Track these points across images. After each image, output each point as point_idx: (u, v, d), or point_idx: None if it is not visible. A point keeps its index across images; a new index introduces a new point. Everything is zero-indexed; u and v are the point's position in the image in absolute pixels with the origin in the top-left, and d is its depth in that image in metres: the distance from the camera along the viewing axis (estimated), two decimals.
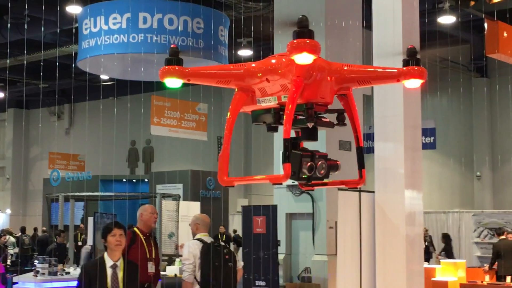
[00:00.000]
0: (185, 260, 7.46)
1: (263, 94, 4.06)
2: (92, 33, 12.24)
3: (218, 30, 12.67)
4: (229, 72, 4.12)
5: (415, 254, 6.89)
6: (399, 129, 6.94)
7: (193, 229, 7.77)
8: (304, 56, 3.71)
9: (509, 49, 14.70)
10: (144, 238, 7.45)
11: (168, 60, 4.02)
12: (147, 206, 7.90)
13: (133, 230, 7.45)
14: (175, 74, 3.97)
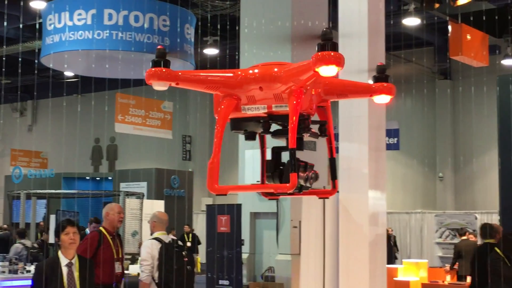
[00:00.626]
0: (143, 260, 7.44)
1: (251, 102, 4.00)
2: (56, 29, 12.11)
3: (184, 28, 12.62)
4: (220, 78, 4.01)
5: (378, 254, 6.94)
6: (363, 130, 6.98)
7: (151, 227, 7.76)
8: (331, 69, 3.69)
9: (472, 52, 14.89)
10: (111, 238, 7.40)
11: (155, 62, 3.88)
12: (113, 205, 7.84)
13: (99, 230, 7.41)
14: (163, 77, 3.84)
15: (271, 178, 4.09)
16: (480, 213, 19.83)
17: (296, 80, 3.90)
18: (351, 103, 7.07)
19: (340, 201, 6.98)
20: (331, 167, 4.30)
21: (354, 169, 6.97)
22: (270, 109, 4.00)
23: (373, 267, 6.82)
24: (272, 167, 4.10)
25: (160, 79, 3.84)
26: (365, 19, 6.99)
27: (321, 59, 3.69)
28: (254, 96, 3.98)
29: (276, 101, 3.98)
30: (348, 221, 6.91)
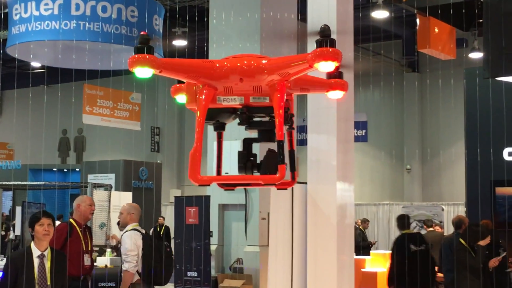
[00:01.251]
0: (129, 251, 7.41)
1: (228, 93, 3.98)
2: (22, 18, 11.94)
3: (153, 19, 12.53)
4: (202, 68, 3.97)
5: (346, 245, 6.97)
6: (332, 122, 7.00)
7: (126, 219, 7.71)
8: (329, 65, 3.77)
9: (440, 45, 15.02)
10: (81, 230, 7.36)
11: (138, 49, 3.78)
12: (85, 197, 7.81)
13: (69, 222, 7.35)
14: (147, 64, 3.75)
15: (243, 169, 4.09)
16: (447, 205, 20.04)
17: (284, 73, 3.92)
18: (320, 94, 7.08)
19: (309, 193, 7.00)
20: (290, 159, 4.28)
21: (322, 160, 7.00)
22: (247, 101, 4.01)
23: (341, 258, 6.86)
24: (245, 158, 4.10)
25: (144, 66, 3.76)
26: (334, 11, 7.00)
27: (320, 55, 3.75)
28: (232, 87, 3.97)
29: (254, 93, 3.99)
30: (316, 213, 6.93)
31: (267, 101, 4.03)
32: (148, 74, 3.82)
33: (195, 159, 3.91)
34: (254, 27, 11.22)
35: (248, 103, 4.02)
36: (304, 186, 7.08)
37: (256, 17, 11.18)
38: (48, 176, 23.16)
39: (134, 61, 3.75)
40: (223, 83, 3.96)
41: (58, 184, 15.57)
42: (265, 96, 4.02)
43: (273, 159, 4.01)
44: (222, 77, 3.94)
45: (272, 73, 3.94)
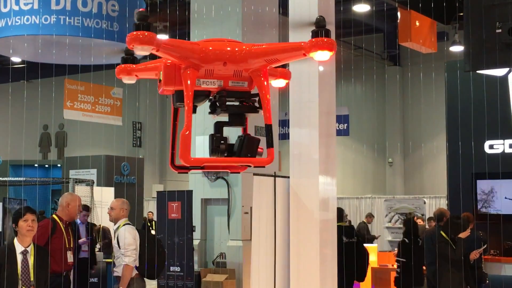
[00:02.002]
0: (129, 245, 7.41)
1: (208, 76, 4.04)
2: (1, 13, 11.84)
3: (134, 13, 12.46)
4: (195, 50, 3.99)
5: (328, 238, 6.99)
6: (314, 115, 7.00)
7: (119, 214, 7.69)
8: (325, 54, 4.00)
9: (420, 38, 15.06)
10: (64, 227, 7.33)
11: (136, 26, 3.77)
12: (75, 196, 7.77)
13: (53, 218, 7.32)
14: (145, 41, 3.74)
15: (216, 152, 4.11)
16: (429, 198, 20.15)
17: (272, 59, 4.07)
18: (302, 88, 7.09)
19: (291, 187, 7.01)
20: (266, 134, 4.22)
21: (304, 154, 7.00)
22: (226, 85, 4.08)
23: (324, 252, 6.88)
24: (218, 141, 4.13)
25: (142, 43, 3.75)
26: (315, 4, 7.00)
27: (317, 44, 3.95)
28: (213, 71, 4.03)
29: (234, 78, 4.07)
30: (298, 207, 6.94)
31: (245, 85, 4.13)
32: (147, 51, 3.83)
33: (186, 140, 3.94)
34: (236, 21, 11.20)
35: (226, 87, 4.09)
36: (286, 180, 7.09)
37: (237, 10, 11.15)
38: (29, 172, 23.01)
39: (133, 38, 3.73)
40: (207, 66, 4.00)
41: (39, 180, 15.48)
42: (243, 81, 4.11)
43: (254, 142, 4.12)
44: (211, 60, 3.99)
45: (259, 58, 4.04)
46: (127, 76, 4.33)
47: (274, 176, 7.10)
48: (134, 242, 7.45)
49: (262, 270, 6.96)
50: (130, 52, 4.10)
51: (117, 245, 7.52)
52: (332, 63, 7.20)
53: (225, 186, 11.33)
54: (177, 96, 4.14)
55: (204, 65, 4.00)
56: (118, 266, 7.55)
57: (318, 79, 6.97)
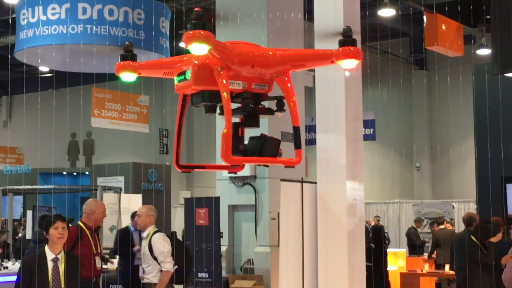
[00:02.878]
0: (168, 252, 7.48)
1: (235, 77, 4.14)
2: (30, 23, 11.98)
3: (159, 21, 12.54)
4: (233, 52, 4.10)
5: (357, 244, 6.96)
6: (340, 120, 6.99)
7: (145, 221, 7.74)
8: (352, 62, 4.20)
9: (447, 42, 14.96)
10: (90, 233, 7.39)
11: (193, 24, 3.86)
12: (99, 203, 7.82)
13: (79, 225, 7.38)
14: (203, 40, 3.79)
15: (236, 152, 4.20)
16: (457, 202, 19.98)
17: (299, 64, 4.24)
18: (328, 94, 7.08)
19: (318, 192, 6.99)
20: (294, 135, 4.43)
21: (331, 160, 6.99)
22: (249, 87, 4.20)
23: (352, 257, 6.85)
24: (238, 142, 4.26)
25: (201, 42, 3.78)
26: (341, 10, 6.99)
27: (344, 53, 4.13)
28: (241, 72, 4.14)
29: (257, 80, 4.21)
30: (326, 212, 6.92)
31: (266, 88, 4.27)
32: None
33: (227, 139, 4.02)
34: (261, 27, 11.22)
35: (249, 89, 4.21)
36: (313, 185, 7.08)
37: (262, 17, 11.18)
38: (58, 180, 23.20)
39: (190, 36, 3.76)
40: (238, 68, 4.11)
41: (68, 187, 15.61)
42: (265, 84, 4.25)
43: (275, 143, 4.28)
44: (246, 63, 4.12)
45: (287, 64, 4.21)
46: (132, 73, 4.43)
47: (301, 182, 7.09)
48: (170, 249, 7.54)
49: (290, 276, 6.95)
50: (130, 49, 4.30)
51: (149, 253, 7.56)
52: (358, 68, 7.17)
53: (252, 192, 11.35)
54: (208, 95, 4.19)
55: (236, 67, 4.09)
56: (148, 273, 7.59)
57: (344, 84, 6.96)
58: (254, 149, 4.24)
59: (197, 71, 4.12)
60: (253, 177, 11.37)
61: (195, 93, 4.24)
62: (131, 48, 4.25)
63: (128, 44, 4.29)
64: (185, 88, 4.21)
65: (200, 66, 4.11)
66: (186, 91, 4.25)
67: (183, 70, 4.18)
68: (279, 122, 10.10)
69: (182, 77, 4.18)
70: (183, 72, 4.17)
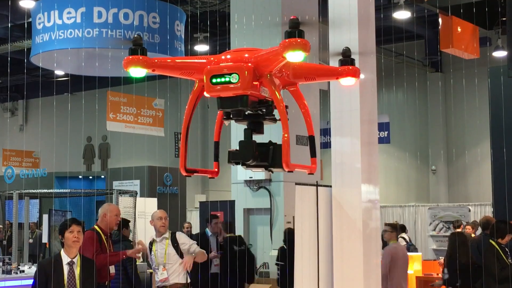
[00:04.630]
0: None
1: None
2: (45, 27, 12.05)
3: (174, 25, 12.58)
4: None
5: (372, 248, 6.93)
6: (355, 124, 6.96)
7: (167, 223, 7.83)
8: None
9: (463, 44, 14.90)
10: (105, 238, 7.40)
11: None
12: (112, 207, 7.83)
13: (95, 229, 7.37)
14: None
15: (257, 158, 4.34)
16: (474, 205, 19.86)
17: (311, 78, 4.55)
18: (343, 97, 7.05)
19: (333, 196, 6.97)
20: (310, 145, 4.70)
21: (346, 163, 6.96)
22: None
23: (367, 261, 6.82)
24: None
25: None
26: (355, 13, 6.97)
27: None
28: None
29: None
30: (341, 216, 6.89)
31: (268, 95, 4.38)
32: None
33: (288, 146, 4.20)
34: (276, 30, 11.22)
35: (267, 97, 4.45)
36: (328, 189, 7.05)
37: (277, 20, 11.18)
38: (74, 184, 23.30)
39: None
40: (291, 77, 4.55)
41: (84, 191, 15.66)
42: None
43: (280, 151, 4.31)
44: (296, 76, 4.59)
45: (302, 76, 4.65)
46: (141, 68, 4.25)
47: (316, 185, 7.07)
48: None
49: (306, 280, 6.93)
50: (139, 42, 4.16)
51: (174, 251, 7.60)
52: (373, 71, 7.15)
53: (267, 196, 11.34)
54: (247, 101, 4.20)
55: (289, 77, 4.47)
56: (174, 273, 7.66)
57: (359, 87, 6.94)
58: (266, 156, 4.30)
59: (248, 75, 4.08)
60: (268, 180, 11.36)
61: (225, 97, 4.19)
62: (140, 41, 4.12)
63: (137, 37, 4.16)
64: (226, 91, 4.13)
65: (251, 70, 4.08)
66: (223, 93, 4.17)
67: (222, 72, 4.11)
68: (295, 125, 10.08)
69: (222, 79, 4.10)
70: (223, 75, 4.10)
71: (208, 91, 4.17)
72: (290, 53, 4.06)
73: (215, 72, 4.13)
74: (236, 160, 4.34)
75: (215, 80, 4.11)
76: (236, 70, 4.08)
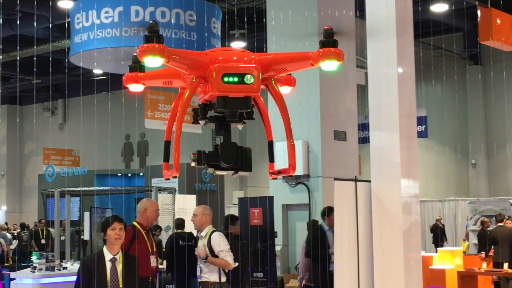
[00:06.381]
0: (228, 249, 7.65)
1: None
2: (84, 27, 12.18)
3: (211, 22, 12.61)
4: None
5: (412, 242, 6.89)
6: (394, 118, 6.92)
7: (201, 220, 7.81)
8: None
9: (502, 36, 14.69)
10: (145, 232, 7.46)
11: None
12: (152, 202, 7.90)
13: (133, 225, 7.44)
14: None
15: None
16: None
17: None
18: (381, 91, 7.02)
19: (373, 191, 6.94)
20: (269, 150, 4.56)
21: (385, 158, 6.93)
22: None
23: (408, 256, 6.78)
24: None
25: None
26: (393, 6, 6.93)
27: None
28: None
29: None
30: (381, 211, 6.87)
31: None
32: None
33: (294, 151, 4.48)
34: (312, 25, 11.19)
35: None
36: (367, 184, 7.03)
37: (314, 15, 11.15)
38: (114, 181, 23.52)
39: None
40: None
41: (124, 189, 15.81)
42: None
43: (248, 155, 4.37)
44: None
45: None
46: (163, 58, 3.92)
47: (355, 180, 7.05)
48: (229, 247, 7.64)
49: (346, 275, 6.92)
50: (155, 29, 3.85)
51: (208, 251, 7.63)
52: (411, 64, 7.10)
53: (306, 191, 11.33)
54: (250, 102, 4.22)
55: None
56: (206, 272, 7.67)
57: (397, 81, 6.89)
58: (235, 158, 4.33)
59: (260, 78, 4.06)
60: (306, 176, 11.35)
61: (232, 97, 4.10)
62: (157, 27, 3.80)
63: (153, 23, 3.83)
64: (238, 91, 4.05)
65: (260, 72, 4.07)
66: (233, 93, 4.08)
67: (237, 71, 4.01)
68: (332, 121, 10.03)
69: (235, 79, 4.01)
70: (237, 74, 4.01)
71: (217, 89, 4.02)
72: (325, 62, 4.06)
73: (228, 71, 3.99)
74: (212, 162, 4.30)
75: (227, 79, 3.99)
76: (251, 71, 4.00)
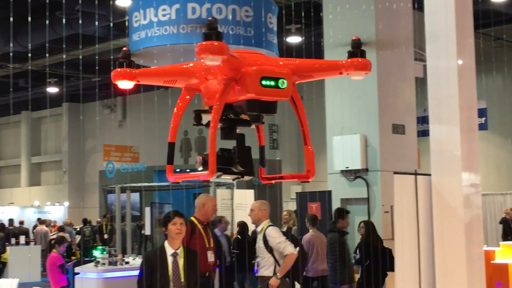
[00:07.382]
0: (285, 240, 7.68)
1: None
2: (142, 25, 12.34)
3: (267, 17, 12.64)
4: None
5: (474, 237, 6.80)
6: (454, 111, 6.83)
7: (258, 215, 7.84)
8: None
9: None
10: (202, 227, 7.52)
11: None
12: (210, 197, 7.98)
13: (191, 220, 7.51)
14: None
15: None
16: None
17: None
18: (440, 84, 6.94)
19: (433, 184, 6.87)
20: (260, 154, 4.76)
21: (446, 151, 6.85)
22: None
23: (470, 251, 6.70)
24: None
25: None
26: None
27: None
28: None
29: None
30: (441, 204, 6.80)
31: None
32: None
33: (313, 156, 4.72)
34: (370, 19, 11.12)
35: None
36: (428, 177, 6.96)
37: (371, 8, 11.08)
38: None
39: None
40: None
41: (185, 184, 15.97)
42: None
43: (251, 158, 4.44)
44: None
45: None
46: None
47: (415, 174, 7.00)
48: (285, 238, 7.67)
49: (407, 270, 6.87)
50: (214, 26, 3.98)
51: (263, 246, 7.65)
52: (471, 56, 7.00)
53: (365, 186, 11.28)
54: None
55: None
56: (262, 267, 7.70)
57: (457, 73, 6.81)
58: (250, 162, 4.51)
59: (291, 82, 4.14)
60: (365, 170, 11.29)
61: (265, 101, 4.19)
62: (215, 24, 3.93)
63: (212, 20, 3.96)
64: (273, 95, 4.13)
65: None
66: (268, 97, 4.15)
67: (275, 75, 4.07)
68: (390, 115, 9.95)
69: (272, 82, 4.07)
70: (274, 78, 4.07)
71: (254, 92, 4.08)
72: (353, 72, 4.13)
73: (267, 74, 4.05)
74: (226, 166, 4.36)
75: (265, 82, 4.04)
76: (286, 76, 4.06)
